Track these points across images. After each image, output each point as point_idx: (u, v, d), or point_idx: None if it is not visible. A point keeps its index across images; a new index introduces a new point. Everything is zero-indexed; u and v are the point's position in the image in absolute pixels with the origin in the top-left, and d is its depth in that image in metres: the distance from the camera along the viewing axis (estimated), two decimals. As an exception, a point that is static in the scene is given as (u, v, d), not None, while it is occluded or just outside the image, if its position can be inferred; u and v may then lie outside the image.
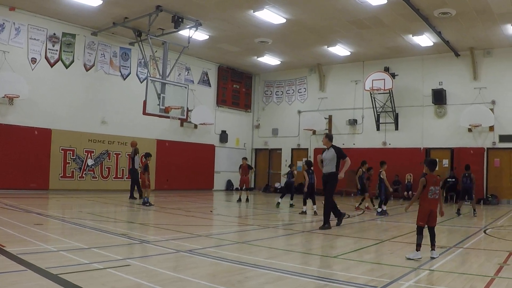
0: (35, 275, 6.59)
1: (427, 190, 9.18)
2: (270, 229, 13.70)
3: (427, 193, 9.17)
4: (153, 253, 9.03)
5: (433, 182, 9.24)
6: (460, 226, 15.56)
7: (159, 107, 22.60)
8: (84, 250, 8.72)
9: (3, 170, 22.15)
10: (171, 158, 28.72)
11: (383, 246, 10.74)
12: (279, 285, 6.73)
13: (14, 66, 22.42)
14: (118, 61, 27.34)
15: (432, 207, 9.19)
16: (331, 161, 13.90)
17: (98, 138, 26.02)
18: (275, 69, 34.64)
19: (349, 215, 17.22)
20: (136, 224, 13.85)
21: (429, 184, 9.19)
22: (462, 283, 7.02)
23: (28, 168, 23.01)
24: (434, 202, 9.22)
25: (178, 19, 22.63)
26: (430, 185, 9.18)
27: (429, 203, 9.16)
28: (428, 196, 9.16)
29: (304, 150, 33.86)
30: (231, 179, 33.90)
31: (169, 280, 6.82)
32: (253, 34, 25.85)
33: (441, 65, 28.34)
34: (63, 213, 15.96)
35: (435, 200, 9.23)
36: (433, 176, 9.35)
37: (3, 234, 10.05)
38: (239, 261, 8.22)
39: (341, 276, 7.30)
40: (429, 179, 9.24)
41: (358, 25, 23.69)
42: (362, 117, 31.22)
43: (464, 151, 27.07)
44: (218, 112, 33.41)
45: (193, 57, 31.13)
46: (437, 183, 9.31)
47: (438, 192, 9.30)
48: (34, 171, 23.28)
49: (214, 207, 20.69)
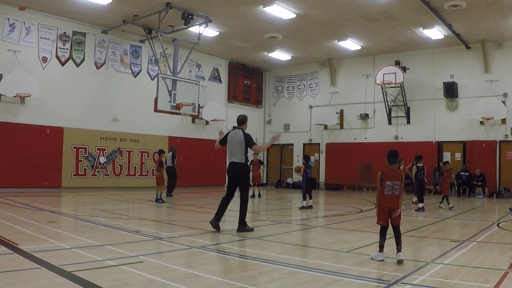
0: (49, 273, 6.62)
1: (383, 186, 8.25)
2: (282, 225, 13.69)
3: (384, 189, 8.26)
4: (166, 249, 9.07)
5: (391, 176, 8.26)
6: (473, 219, 15.49)
7: (171, 104, 22.59)
8: (97, 247, 8.75)
9: (16, 169, 22.27)
10: (183, 154, 28.76)
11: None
12: (292, 280, 6.73)
13: (25, 66, 22.50)
14: (129, 58, 27.39)
15: (391, 205, 8.25)
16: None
17: (109, 136, 26.10)
18: (285, 64, 34.60)
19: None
20: (148, 221, 13.90)
21: (385, 178, 8.26)
22: (475, 277, 6.99)
23: (40, 166, 23.10)
24: (392, 199, 8.25)
25: (188, 15, 22.63)
26: (387, 180, 8.26)
27: (385, 200, 8.27)
28: (384, 192, 8.26)
29: (316, 145, 33.83)
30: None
31: (182, 276, 6.84)
32: (263, 29, 25.82)
33: (452, 58, 28.19)
34: (75, 210, 16.05)
35: (394, 197, 8.24)
36: (391, 169, 8.36)
37: (17, 232, 10.10)
38: (251, 257, 8.24)
39: (354, 271, 7.29)
40: (386, 173, 8.30)
41: (368, 19, 23.60)
42: (374, 111, 31.13)
43: (476, 144, 26.93)
44: (229, 108, 33.38)
45: (204, 53, 31.12)
46: (396, 177, 8.27)
47: (399, 188, 8.25)
48: (46, 169, 23.37)
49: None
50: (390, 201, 8.22)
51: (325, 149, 33.01)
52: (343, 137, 32.36)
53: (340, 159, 31.82)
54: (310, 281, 6.68)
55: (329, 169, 32.72)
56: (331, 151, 32.72)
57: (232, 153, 11.71)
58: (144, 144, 27.61)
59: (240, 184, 11.64)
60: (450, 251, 9.05)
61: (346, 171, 31.21)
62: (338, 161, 31.93)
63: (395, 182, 8.19)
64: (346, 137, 32.18)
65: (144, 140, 27.61)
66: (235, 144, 11.66)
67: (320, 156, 33.43)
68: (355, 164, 30.77)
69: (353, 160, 30.88)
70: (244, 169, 11.64)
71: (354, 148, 31.30)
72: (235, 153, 11.63)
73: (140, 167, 27.50)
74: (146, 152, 27.72)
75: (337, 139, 32.65)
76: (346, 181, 31.47)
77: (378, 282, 6.62)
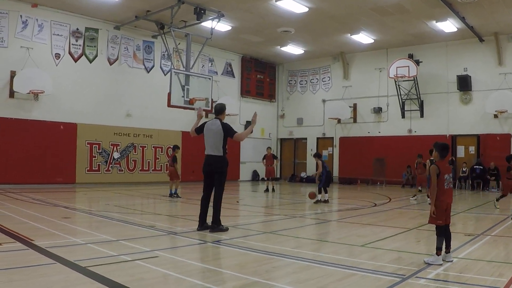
0: (64, 268, 6.66)
1: (442, 180, 7.60)
2: (296, 219, 13.68)
3: (443, 183, 7.61)
4: (180, 244, 9.09)
5: (446, 169, 7.73)
6: (488, 213, 15.41)
7: (184, 99, 22.58)
8: (112, 242, 8.79)
9: (30, 165, 22.43)
10: (196, 149, 28.59)
11: (410, 234, 10.67)
12: (307, 274, 6.73)
13: (38, 62, 22.61)
14: (142, 54, 27.45)
15: (449, 200, 7.70)
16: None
17: (123, 131, 26.18)
18: (298, 58, 34.54)
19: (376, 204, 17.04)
20: (163, 215, 13.93)
21: (442, 171, 7.63)
22: (490, 271, 6.97)
23: (54, 162, 23.26)
24: (451, 193, 7.76)
25: (200, 10, 22.64)
26: (444, 173, 7.64)
27: (446, 195, 7.64)
28: (444, 186, 7.62)
29: (329, 139, 33.78)
30: (256, 170, 33.90)
31: (197, 271, 6.87)
32: (275, 23, 25.78)
33: (466, 51, 28.01)
34: (90, 206, 16.11)
35: (451, 191, 7.75)
36: (445, 162, 7.87)
37: (32, 228, 10.16)
38: (266, 251, 8.24)
39: (369, 265, 7.28)
40: (442, 166, 7.68)
41: (380, 12, 23.50)
42: (387, 105, 31.02)
43: (490, 137, 26.78)
44: (243, 102, 33.43)
45: (216, 48, 31.13)
46: (449, 170, 7.80)
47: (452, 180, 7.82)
48: (60, 165, 23.52)
49: (240, 198, 20.66)
50: (450, 195, 7.73)
51: (339, 143, 32.96)
52: (357, 131, 32.29)
53: (353, 153, 31.78)
54: (325, 275, 6.68)
55: (342, 163, 32.68)
56: (345, 145, 32.67)
57: (209, 145, 10.86)
58: (158, 139, 27.69)
59: (215, 179, 10.79)
60: (465, 245, 9.00)
61: (360, 165, 31.18)
62: (352, 155, 31.90)
63: (450, 175, 7.73)
64: (360, 131, 32.11)
65: (157, 135, 27.69)
66: (212, 135, 10.77)
67: (333, 150, 33.38)
68: (369, 158, 30.73)
69: (367, 154, 30.85)
70: (221, 163, 10.78)
71: (368, 142, 31.24)
72: (211, 145, 10.79)
73: (154, 162, 27.58)
74: (159, 147, 27.80)
75: (351, 133, 32.59)
76: (360, 175, 31.41)
77: (392, 276, 6.59)
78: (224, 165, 10.83)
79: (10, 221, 11.02)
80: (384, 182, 29.87)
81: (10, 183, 21.57)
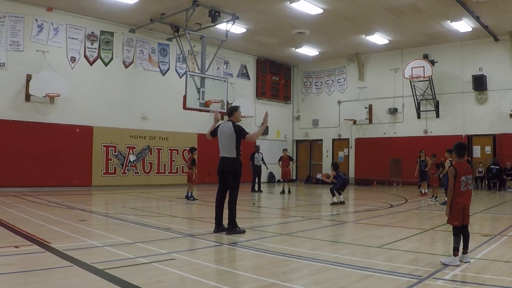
0: (81, 271, 6.69)
1: (458, 182, 7.57)
2: (313, 220, 13.65)
3: (459, 185, 7.56)
4: (197, 246, 9.10)
5: (464, 170, 7.64)
6: (504, 213, 15.33)
7: (199, 101, 22.65)
8: (129, 244, 8.82)
9: (46, 168, 22.58)
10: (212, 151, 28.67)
11: (426, 235, 10.63)
12: (323, 276, 6.72)
13: (54, 66, 22.77)
14: (157, 57, 27.54)
15: (466, 201, 7.64)
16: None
17: (139, 134, 26.26)
18: (313, 60, 34.52)
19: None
20: (179, 218, 13.94)
21: (459, 173, 7.59)
22: (507, 272, 6.93)
23: (70, 165, 23.38)
24: (468, 195, 7.68)
25: (215, 13, 22.69)
26: (461, 175, 7.59)
27: (462, 197, 7.59)
28: (460, 188, 7.57)
29: (345, 141, 33.72)
30: (272, 171, 33.87)
31: (214, 273, 6.88)
32: (290, 25, 25.78)
33: (481, 51, 27.86)
34: (106, 208, 16.19)
35: (468, 193, 7.67)
36: (462, 163, 7.79)
37: (49, 231, 10.21)
38: (282, 253, 8.23)
39: (386, 266, 7.26)
40: (459, 168, 7.64)
41: (395, 12, 23.44)
42: (403, 106, 30.92)
43: (506, 137, 26.61)
44: (258, 104, 33.45)
45: (231, 50, 31.20)
46: (468, 171, 7.69)
47: (471, 183, 7.76)
48: (76, 168, 23.64)
49: (257, 200, 20.67)
50: (467, 197, 7.66)
51: (354, 144, 32.91)
52: (372, 132, 32.23)
53: (369, 154, 31.71)
54: (341, 276, 6.66)
55: (358, 164, 32.62)
56: (360, 146, 32.61)
57: (222, 147, 10.95)
58: (174, 141, 27.76)
59: (230, 180, 10.86)
60: (482, 246, 8.95)
61: (376, 166, 31.10)
62: (368, 156, 31.83)
63: (468, 176, 7.64)
64: (375, 131, 32.05)
65: (173, 137, 27.75)
66: (224, 137, 10.85)
67: (349, 151, 33.34)
68: (385, 159, 30.62)
69: (383, 154, 30.75)
70: (235, 164, 10.86)
71: (384, 143, 31.14)
72: (224, 147, 10.88)
73: (170, 165, 27.65)
74: (175, 150, 27.87)
75: (366, 134, 32.52)
76: (375, 176, 31.32)
77: (409, 277, 6.57)
78: (237, 167, 10.92)
79: (26, 224, 11.07)
80: (400, 183, 29.77)
81: (26, 186, 21.71)
